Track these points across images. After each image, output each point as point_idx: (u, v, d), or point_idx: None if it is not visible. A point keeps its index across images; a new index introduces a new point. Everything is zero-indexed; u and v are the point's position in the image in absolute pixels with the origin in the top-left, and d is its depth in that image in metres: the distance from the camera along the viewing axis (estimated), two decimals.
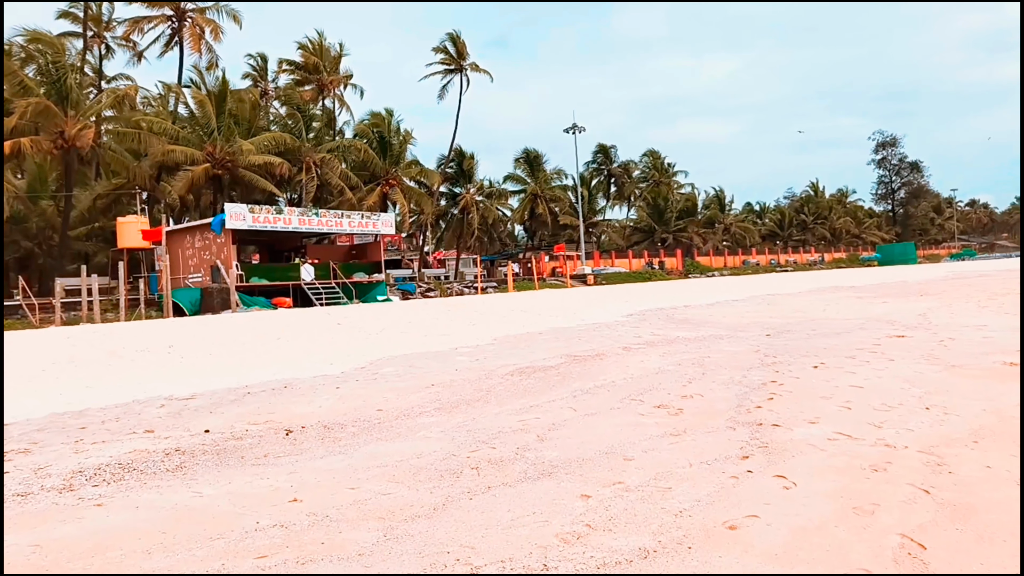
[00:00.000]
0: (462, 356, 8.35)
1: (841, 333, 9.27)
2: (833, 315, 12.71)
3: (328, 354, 9.08)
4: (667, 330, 10.94)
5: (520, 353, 8.54)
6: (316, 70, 34.84)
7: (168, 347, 9.82)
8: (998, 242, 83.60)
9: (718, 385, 5.77)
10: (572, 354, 8.22)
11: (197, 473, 3.98)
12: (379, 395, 6.09)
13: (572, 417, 4.89)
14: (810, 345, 8.08)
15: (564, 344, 9.38)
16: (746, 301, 19.10)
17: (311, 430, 4.96)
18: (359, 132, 36.87)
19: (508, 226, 58.48)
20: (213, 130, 27.38)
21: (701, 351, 8.01)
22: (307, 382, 6.92)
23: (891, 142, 75.83)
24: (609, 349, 8.56)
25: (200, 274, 22.53)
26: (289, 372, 7.57)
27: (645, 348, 8.55)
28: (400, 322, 13.86)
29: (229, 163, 27.82)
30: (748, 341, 8.86)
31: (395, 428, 4.88)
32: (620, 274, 43.50)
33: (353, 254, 30.32)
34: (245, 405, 5.87)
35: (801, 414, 4.53)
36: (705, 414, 4.73)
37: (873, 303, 15.53)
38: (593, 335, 10.51)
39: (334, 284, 24.45)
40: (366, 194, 35.08)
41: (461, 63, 39.31)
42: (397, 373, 7.27)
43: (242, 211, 21.89)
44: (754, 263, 58.24)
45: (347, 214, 25.64)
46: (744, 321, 12.22)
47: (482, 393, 5.99)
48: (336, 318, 14.38)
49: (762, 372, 6.31)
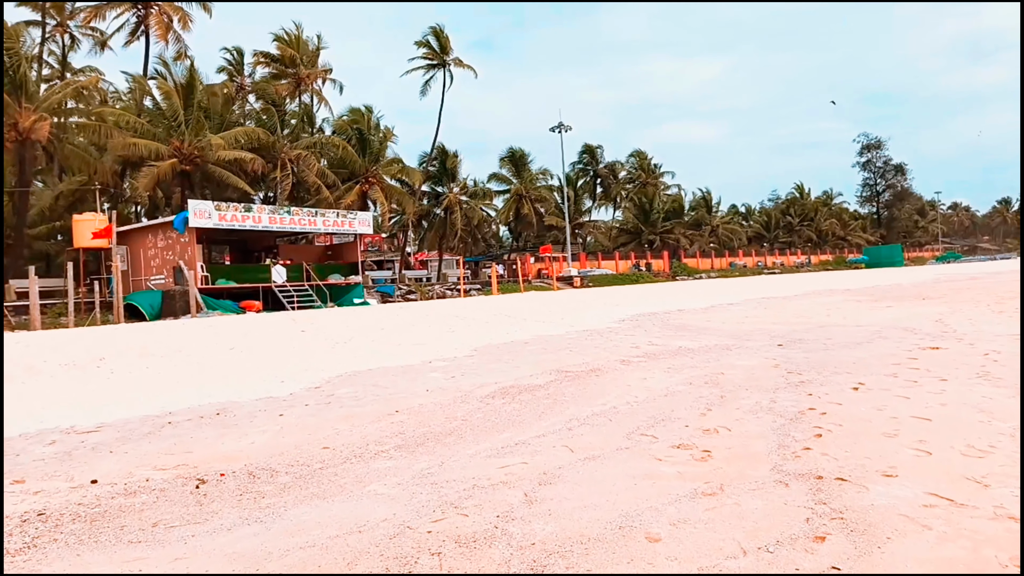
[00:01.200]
0: (436, 372, 7.22)
1: (862, 343, 8.30)
2: (840, 321, 11.78)
3: (282, 368, 7.90)
4: (666, 339, 9.91)
5: (503, 368, 7.44)
6: (293, 63, 33.43)
7: (99, 360, 8.57)
8: (980, 245, 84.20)
9: (745, 413, 4.72)
10: (563, 369, 7.14)
11: (48, 557, 2.83)
12: (329, 426, 4.96)
13: (569, 462, 3.81)
14: (834, 358, 7.08)
15: (553, 356, 8.30)
16: (741, 305, 18.21)
17: (231, 479, 3.82)
18: (337, 128, 35.53)
19: (493, 227, 57.38)
20: (181, 123, 25.92)
21: (711, 365, 6.97)
22: (246, 407, 5.76)
23: (876, 145, 75.96)
24: (605, 363, 7.50)
25: (163, 276, 21.13)
26: (229, 393, 6.40)
27: (646, 361, 7.49)
28: (372, 329, 12.68)
29: (198, 159, 26.38)
30: (760, 353, 7.85)
31: (340, 477, 3.76)
32: (607, 276, 42.58)
33: (329, 255, 28.97)
34: (159, 440, 4.70)
35: (868, 461, 3.49)
36: (741, 458, 3.68)
37: (877, 308, 14.66)
38: (585, 344, 9.45)
39: (307, 286, 23.14)
40: (344, 193, 33.76)
41: (444, 58, 38.09)
42: (356, 395, 6.13)
43: (207, 208, 20.52)
44: (741, 265, 57.70)
45: (322, 212, 24.33)
46: (747, 328, 11.24)
47: (456, 423, 4.89)
48: (302, 324, 13.16)
49: (792, 395, 5.28)
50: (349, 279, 25.34)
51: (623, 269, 48.57)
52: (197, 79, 26.74)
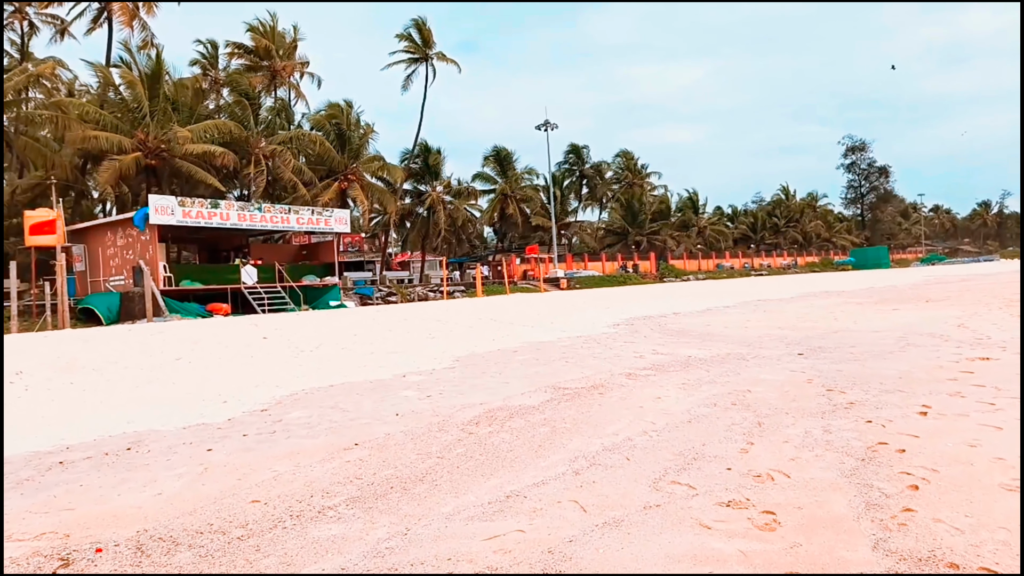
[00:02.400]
0: (410, 389, 6.13)
1: (893, 352, 7.38)
2: (851, 326, 10.89)
3: (229, 385, 6.75)
4: (670, 345, 8.92)
5: (489, 383, 6.38)
6: (268, 55, 32.03)
7: (16, 374, 7.34)
8: (960, 247, 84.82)
9: (798, 449, 3.71)
10: (559, 385, 6.10)
11: None
12: (267, 466, 3.86)
13: (581, 529, 2.76)
14: (871, 371, 6.12)
15: (546, 368, 7.25)
16: (737, 308, 17.34)
17: (108, 557, 2.73)
18: (315, 124, 34.13)
19: (477, 227, 56.23)
20: (145, 115, 24.46)
21: (732, 380, 5.97)
22: (168, 438, 4.63)
23: (860, 147, 76.02)
24: (607, 376, 6.46)
25: (122, 276, 19.73)
26: (153, 418, 5.26)
27: (655, 375, 6.47)
28: (344, 335, 11.53)
29: (164, 153, 24.94)
30: (782, 364, 6.87)
31: (262, 554, 2.68)
32: (594, 278, 41.66)
33: (304, 254, 27.59)
34: (36, 490, 3.57)
35: (1006, 534, 2.48)
36: (821, 526, 2.66)
37: (883, 311, 13.84)
38: (581, 353, 8.41)
39: (279, 288, 21.84)
40: (322, 190, 32.43)
41: (427, 52, 36.89)
42: (310, 420, 5.03)
43: (170, 204, 19.16)
44: (728, 267, 57.19)
45: (296, 210, 23.02)
46: (753, 333, 10.30)
47: (430, 462, 3.82)
48: (266, 330, 11.97)
49: (847, 422, 4.28)
50: (325, 280, 24.05)
51: (610, 270, 47.71)
52: (163, 68, 25.28)
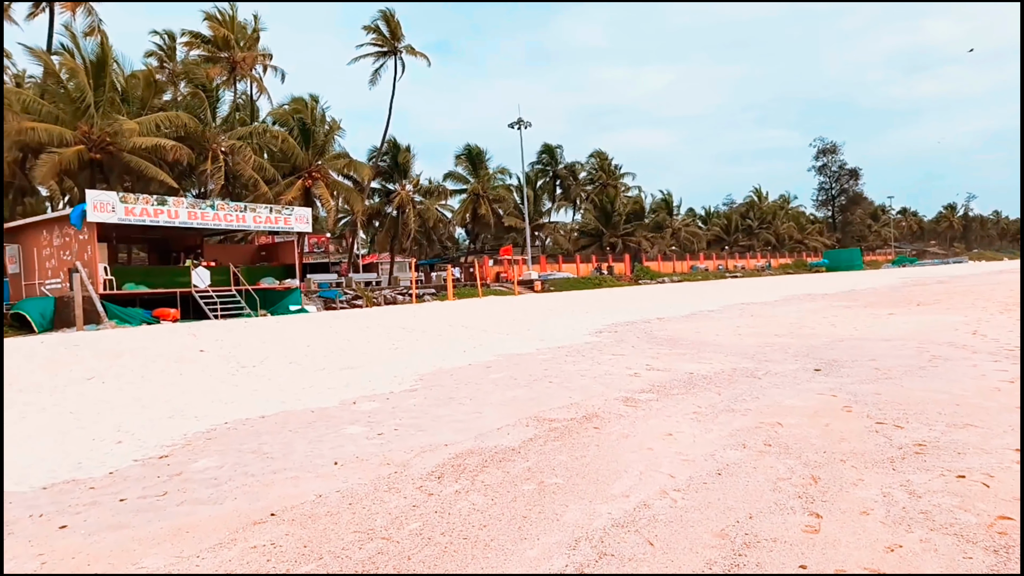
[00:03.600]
0: (358, 423, 4.93)
1: (924, 367, 6.45)
2: (854, 333, 10.03)
3: (136, 416, 5.46)
4: (664, 358, 7.87)
5: (457, 412, 5.23)
6: (227, 45, 30.27)
7: None
8: (927, 249, 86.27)
9: (888, 527, 2.66)
10: (544, 416, 4.97)
11: None
12: (132, 558, 2.65)
13: None
14: (913, 393, 5.15)
15: (526, 390, 6.12)
16: (723, 313, 16.48)
17: None
18: (277, 118, 32.44)
19: (449, 228, 54.87)
20: (89, 106, 22.62)
21: (752, 406, 4.92)
22: (17, 505, 3.37)
23: (831, 149, 76.69)
24: (601, 403, 5.37)
25: (59, 279, 18.00)
26: (17, 470, 3.97)
27: (657, 400, 5.39)
28: (296, 346, 10.22)
29: (110, 146, 23.10)
30: (801, 383, 5.88)
31: None
32: (569, 280, 40.67)
33: (263, 255, 25.93)
34: None
35: None
36: None
37: (878, 316, 13.07)
38: (566, 370, 7.31)
39: (234, 291, 20.25)
40: (285, 188, 30.77)
41: (395, 44, 35.41)
42: (219, 474, 3.81)
43: (110, 200, 17.49)
44: (703, 268, 56.84)
45: (252, 207, 21.44)
46: (751, 342, 9.34)
47: (371, 548, 2.68)
48: (206, 340, 10.57)
49: (933, 478, 3.26)
50: (285, 283, 22.51)
51: (584, 272, 46.81)
52: (110, 56, 23.43)
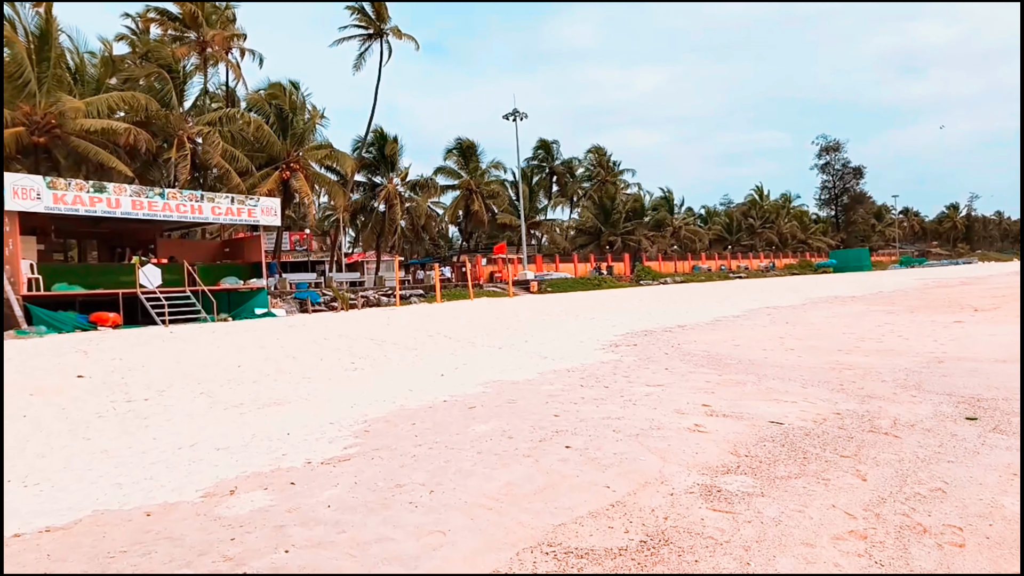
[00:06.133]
0: (255, 532, 2.46)
1: None
2: (942, 349, 7.67)
3: None
4: (719, 390, 5.46)
5: (407, 522, 2.78)
6: (195, 22, 27.74)
7: None
8: (930, 249, 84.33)
9: None
10: (566, 544, 2.54)
11: None
12: None
13: None
14: None
15: (529, 468, 3.71)
16: (750, 319, 14.16)
17: None
18: (252, 104, 29.90)
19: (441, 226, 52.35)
20: (29, 81, 20.10)
21: (937, 510, 2.50)
22: None
23: (835, 147, 74.51)
24: (663, 504, 2.95)
25: None
26: None
27: (761, 492, 2.96)
28: (224, 366, 7.75)
29: (56, 128, 20.55)
30: (969, 440, 3.47)
31: None
32: (567, 280, 38.24)
33: (226, 252, 23.38)
34: None
35: None
36: None
37: (942, 323, 10.74)
38: (584, 412, 4.88)
39: (188, 293, 17.74)
40: (259, 180, 28.25)
41: (381, 26, 32.94)
42: None
43: (35, 186, 15.00)
44: (705, 268, 54.54)
45: (210, 196, 18.91)
46: (815, 362, 6.94)
47: None
48: (96, 358, 8.02)
49: None
50: (250, 283, 20.01)
51: (582, 272, 44.41)
52: (55, 27, 20.89)
